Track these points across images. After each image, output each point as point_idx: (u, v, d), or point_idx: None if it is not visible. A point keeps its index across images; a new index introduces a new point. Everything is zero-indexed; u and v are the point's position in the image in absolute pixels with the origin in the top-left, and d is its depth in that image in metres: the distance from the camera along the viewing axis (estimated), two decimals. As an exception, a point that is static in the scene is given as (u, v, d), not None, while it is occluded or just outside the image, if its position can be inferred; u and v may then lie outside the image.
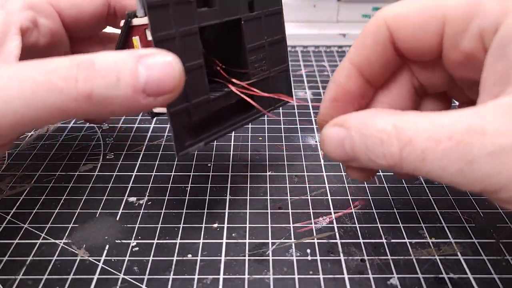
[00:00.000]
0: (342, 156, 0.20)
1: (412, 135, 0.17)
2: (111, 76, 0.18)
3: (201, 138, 0.25)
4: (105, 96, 0.18)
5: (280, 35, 0.28)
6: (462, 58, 0.20)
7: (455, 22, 0.19)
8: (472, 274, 0.23)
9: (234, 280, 0.23)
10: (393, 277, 0.23)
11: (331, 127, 0.21)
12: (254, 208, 0.28)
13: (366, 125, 0.19)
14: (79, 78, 0.18)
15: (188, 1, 0.23)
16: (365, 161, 0.19)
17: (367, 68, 0.22)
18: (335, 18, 0.59)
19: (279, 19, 0.28)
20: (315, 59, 0.51)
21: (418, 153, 0.17)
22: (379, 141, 0.18)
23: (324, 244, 0.25)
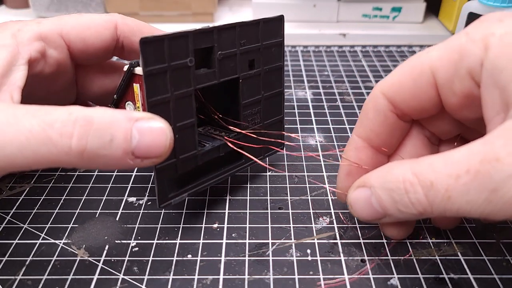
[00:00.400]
0: (373, 214, 0.21)
1: (433, 177, 0.18)
2: (106, 136, 0.19)
3: (185, 190, 0.25)
4: (96, 154, 0.19)
5: (278, 88, 0.29)
6: (461, 100, 0.20)
7: (443, 70, 0.20)
8: (472, 274, 0.23)
9: (234, 281, 0.23)
10: (393, 277, 0.23)
11: (355, 190, 0.22)
12: (254, 208, 0.28)
13: (387, 179, 0.20)
14: (74, 134, 0.18)
15: (186, 66, 0.23)
16: (396, 215, 0.20)
17: (375, 138, 0.24)
18: (335, 18, 0.59)
19: (279, 74, 0.29)
20: (315, 59, 0.51)
21: (443, 193, 0.18)
22: (404, 191, 0.19)
23: (324, 244, 0.25)
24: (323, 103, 0.41)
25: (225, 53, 0.25)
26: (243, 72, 0.26)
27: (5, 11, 0.63)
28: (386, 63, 0.50)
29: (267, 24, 0.27)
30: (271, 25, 0.27)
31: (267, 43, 0.27)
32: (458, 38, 0.20)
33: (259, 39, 0.26)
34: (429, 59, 0.21)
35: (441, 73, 0.20)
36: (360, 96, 0.42)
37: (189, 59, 0.23)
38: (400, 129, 0.24)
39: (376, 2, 0.58)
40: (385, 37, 0.56)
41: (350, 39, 0.56)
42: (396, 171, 0.20)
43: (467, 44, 0.19)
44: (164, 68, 0.22)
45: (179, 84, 0.23)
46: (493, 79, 0.18)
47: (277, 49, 0.28)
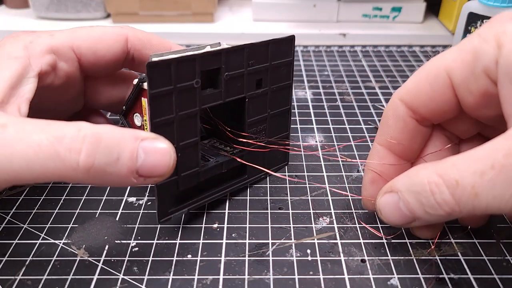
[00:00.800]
0: (402, 219, 0.21)
1: (457, 176, 0.18)
2: (113, 154, 0.19)
3: (186, 205, 0.26)
4: (102, 170, 0.19)
5: (285, 106, 0.29)
6: (478, 99, 0.21)
7: (459, 71, 0.20)
8: (472, 275, 0.23)
9: (234, 281, 0.23)
10: (393, 277, 0.23)
11: (382, 195, 0.22)
12: (254, 208, 0.28)
13: (412, 182, 0.20)
14: (83, 150, 0.19)
15: (192, 87, 0.23)
16: (425, 217, 0.20)
17: (396, 145, 0.24)
18: (335, 18, 0.59)
19: (287, 93, 0.29)
20: (315, 58, 0.51)
21: (469, 190, 0.18)
22: (430, 193, 0.19)
23: (324, 244, 0.25)
24: (323, 103, 0.41)
25: (232, 73, 0.25)
26: (250, 92, 0.26)
27: (5, 11, 0.63)
28: (386, 63, 0.50)
29: (277, 44, 0.27)
30: (281, 45, 0.27)
31: (276, 63, 0.27)
32: (470, 39, 0.20)
33: (268, 59, 0.27)
34: (444, 61, 0.21)
35: (457, 74, 0.21)
36: (360, 96, 0.42)
37: (195, 81, 0.23)
38: (421, 134, 0.24)
39: (376, 2, 0.58)
40: (385, 37, 0.56)
41: (350, 39, 0.56)
42: (421, 174, 0.20)
43: (480, 44, 0.19)
44: (170, 90, 0.22)
45: (184, 104, 0.23)
46: (510, 75, 0.18)
47: (287, 68, 0.28)
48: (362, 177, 0.30)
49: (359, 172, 0.31)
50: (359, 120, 0.38)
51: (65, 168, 0.19)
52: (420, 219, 0.21)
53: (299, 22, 0.59)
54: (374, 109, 0.40)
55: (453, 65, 0.21)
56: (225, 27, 0.58)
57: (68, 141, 0.19)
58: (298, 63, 0.50)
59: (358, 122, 0.38)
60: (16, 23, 0.58)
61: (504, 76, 0.19)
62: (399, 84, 0.45)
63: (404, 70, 0.48)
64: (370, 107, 0.40)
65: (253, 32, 0.56)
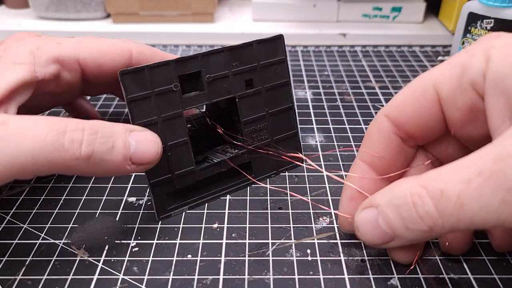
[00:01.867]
0: (380, 236, 0.20)
1: (442, 186, 0.17)
2: (109, 143, 0.21)
3: (186, 202, 0.27)
4: (101, 159, 0.21)
5: (286, 104, 0.29)
6: (465, 114, 0.20)
7: (446, 85, 0.20)
8: (472, 275, 0.23)
9: (234, 281, 0.23)
10: (393, 277, 0.23)
11: (361, 211, 0.20)
12: (254, 208, 0.28)
13: (394, 195, 0.19)
14: (84, 141, 0.21)
15: (171, 90, 0.25)
16: (405, 235, 0.19)
17: (378, 163, 0.23)
18: (335, 18, 0.59)
19: (285, 91, 0.29)
20: (315, 58, 0.51)
21: (455, 200, 0.16)
22: (412, 205, 0.18)
23: (324, 244, 0.25)
24: (323, 103, 0.41)
25: (215, 75, 0.26)
26: (239, 92, 0.27)
27: (5, 11, 0.63)
28: (386, 63, 0.50)
29: (263, 45, 0.27)
30: (269, 44, 0.28)
31: (265, 62, 0.28)
32: (458, 55, 0.20)
33: (255, 59, 0.27)
34: (432, 76, 0.21)
35: (444, 88, 0.20)
36: (360, 96, 0.42)
37: (174, 85, 0.25)
38: (404, 154, 0.23)
39: (376, 2, 0.58)
40: (385, 37, 0.56)
41: (350, 39, 0.56)
42: (403, 185, 0.19)
43: (468, 58, 0.20)
44: (148, 94, 0.24)
45: (165, 107, 0.25)
46: (497, 87, 0.18)
47: (280, 67, 0.28)
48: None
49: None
50: (359, 120, 0.38)
51: (70, 158, 0.20)
52: (399, 238, 0.19)
53: (299, 22, 0.59)
54: (374, 109, 0.40)
55: (441, 79, 0.21)
56: (225, 27, 0.58)
57: (70, 133, 0.20)
58: (298, 63, 0.50)
59: (358, 122, 0.38)
60: (16, 23, 0.58)
61: (492, 89, 0.18)
62: (399, 84, 0.45)
63: (404, 70, 0.48)
64: (370, 107, 0.40)
65: (253, 32, 0.56)
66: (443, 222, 0.17)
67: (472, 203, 0.16)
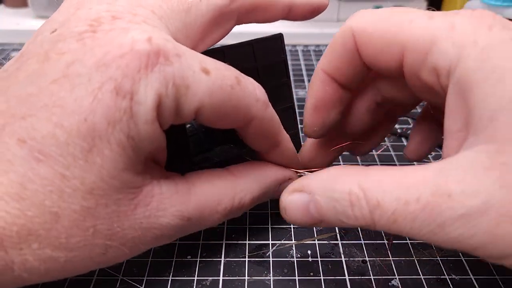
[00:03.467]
0: (308, 221, 0.20)
1: (380, 197, 0.17)
2: None
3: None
4: None
5: (286, 104, 0.29)
6: (422, 86, 0.19)
7: (413, 54, 0.19)
8: (474, 275, 0.23)
9: (234, 282, 0.22)
10: (394, 278, 0.23)
11: (291, 194, 0.20)
12: (254, 209, 0.27)
13: (332, 188, 0.19)
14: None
15: None
16: (335, 223, 0.19)
17: (338, 74, 0.23)
18: (335, 17, 0.59)
19: (285, 90, 0.29)
20: (315, 58, 0.51)
21: (389, 215, 0.17)
22: (349, 204, 0.18)
23: (325, 245, 0.25)
24: (324, 103, 0.41)
25: None
26: None
27: (4, 11, 0.63)
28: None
29: (263, 44, 0.27)
30: (268, 44, 0.27)
31: (265, 62, 0.27)
32: (443, 25, 0.18)
33: (255, 58, 0.27)
34: (406, 34, 0.19)
35: (410, 56, 0.19)
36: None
37: None
38: (363, 72, 0.22)
39: (377, 1, 0.57)
40: (385, 36, 0.56)
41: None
42: (343, 180, 0.18)
43: (446, 41, 0.17)
44: None
45: None
46: (462, 94, 0.17)
47: (280, 66, 0.28)
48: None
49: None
50: (359, 120, 0.38)
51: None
52: (327, 223, 0.19)
53: (299, 21, 0.59)
54: (374, 108, 0.40)
55: (412, 46, 0.19)
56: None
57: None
58: (299, 62, 0.50)
59: (359, 122, 0.37)
60: (15, 22, 0.58)
61: (456, 91, 0.17)
62: (399, 83, 0.45)
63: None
64: (371, 107, 0.40)
65: (253, 31, 0.56)
66: (376, 227, 0.17)
67: (405, 223, 0.16)
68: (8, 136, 0.16)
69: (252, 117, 0.20)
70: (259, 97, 0.20)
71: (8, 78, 0.17)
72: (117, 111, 0.16)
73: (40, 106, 0.16)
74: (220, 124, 0.20)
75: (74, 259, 0.17)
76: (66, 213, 0.16)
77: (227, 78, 0.19)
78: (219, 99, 0.18)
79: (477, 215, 0.15)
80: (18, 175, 0.16)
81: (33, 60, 0.17)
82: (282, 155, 0.23)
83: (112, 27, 0.17)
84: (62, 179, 0.16)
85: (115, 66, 0.16)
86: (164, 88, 0.17)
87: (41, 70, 0.17)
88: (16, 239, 0.16)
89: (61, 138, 0.16)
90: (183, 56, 0.18)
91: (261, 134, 0.22)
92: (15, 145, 0.16)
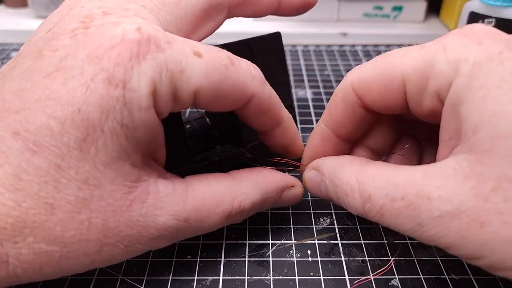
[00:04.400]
0: (321, 195, 0.23)
1: (372, 192, 0.19)
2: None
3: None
4: None
5: (285, 103, 0.28)
6: (427, 113, 0.20)
7: (414, 83, 0.20)
8: (473, 275, 0.23)
9: (234, 281, 0.22)
10: (394, 278, 0.23)
11: (311, 169, 0.24)
12: (254, 209, 0.28)
13: (335, 175, 0.21)
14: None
15: None
16: (339, 204, 0.22)
17: (341, 129, 0.23)
18: (335, 17, 0.59)
19: (285, 89, 0.29)
20: (315, 58, 0.51)
21: (377, 209, 0.19)
22: (345, 193, 0.20)
23: (325, 245, 0.25)
24: (324, 103, 0.41)
25: None
26: None
27: (4, 11, 0.63)
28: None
29: (260, 42, 0.27)
30: (266, 42, 0.27)
31: (263, 61, 0.27)
32: (435, 49, 0.19)
33: (253, 56, 0.26)
34: (403, 67, 0.20)
35: (411, 86, 0.20)
36: (360, 96, 0.42)
37: None
38: (367, 121, 0.23)
39: (377, 1, 0.57)
40: (386, 36, 0.56)
41: (350, 39, 0.56)
42: (345, 170, 0.21)
43: (441, 62, 0.18)
44: None
45: None
46: (455, 107, 0.18)
47: (278, 65, 0.28)
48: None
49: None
50: (359, 120, 0.38)
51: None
52: (336, 203, 0.22)
53: (299, 21, 0.59)
54: (374, 108, 0.40)
55: (411, 74, 0.19)
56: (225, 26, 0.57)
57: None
58: (299, 62, 0.50)
59: (359, 122, 0.37)
60: (15, 22, 0.58)
61: (450, 106, 0.18)
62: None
63: (404, 69, 0.48)
64: (371, 107, 0.40)
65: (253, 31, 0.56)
66: (366, 216, 0.20)
67: (390, 218, 0.18)
68: (3, 130, 0.16)
69: (251, 94, 0.20)
70: (255, 75, 0.21)
71: (3, 77, 0.18)
72: (110, 100, 0.16)
73: (34, 100, 0.16)
74: (220, 106, 0.20)
75: (69, 254, 0.17)
76: (62, 204, 0.16)
77: (220, 58, 0.19)
78: (215, 79, 0.19)
79: (450, 218, 0.16)
80: (13, 166, 0.16)
81: (27, 58, 0.18)
82: (285, 134, 0.24)
83: (104, 22, 0.18)
84: (57, 169, 0.16)
85: (107, 57, 0.17)
86: (158, 74, 0.17)
87: (35, 66, 0.17)
88: (11, 231, 0.16)
89: (55, 129, 0.16)
90: (173, 42, 0.18)
91: (262, 112, 0.22)
92: (9, 138, 0.16)
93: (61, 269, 0.18)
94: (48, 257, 0.17)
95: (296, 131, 0.25)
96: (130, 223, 0.18)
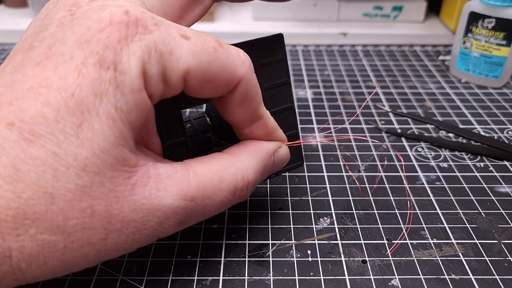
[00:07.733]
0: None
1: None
2: None
3: None
4: None
5: (286, 104, 0.29)
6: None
7: None
8: (473, 275, 0.23)
9: (234, 282, 0.22)
10: (394, 278, 0.23)
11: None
12: (254, 209, 0.28)
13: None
14: None
15: None
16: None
17: None
18: (335, 17, 0.59)
19: (285, 90, 0.28)
20: (315, 58, 0.51)
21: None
22: None
23: (325, 245, 0.25)
24: (324, 103, 0.41)
25: None
26: None
27: (4, 11, 0.63)
28: (387, 62, 0.50)
29: (262, 43, 0.27)
30: (268, 43, 0.27)
31: (265, 62, 0.27)
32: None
33: (254, 58, 0.26)
34: None
35: None
36: (361, 96, 0.42)
37: None
38: None
39: (377, 1, 0.58)
40: (386, 36, 0.56)
41: (350, 38, 0.56)
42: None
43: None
44: None
45: (167, 107, 0.23)
46: None
47: (279, 66, 0.28)
48: (362, 177, 0.30)
49: (360, 172, 0.31)
50: (359, 120, 0.38)
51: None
52: None
53: (299, 21, 0.59)
54: (375, 108, 0.40)
55: None
56: (225, 26, 0.58)
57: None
58: (299, 62, 0.50)
59: (359, 122, 0.37)
60: (15, 22, 0.58)
61: None
62: (400, 84, 0.45)
63: (405, 69, 0.48)
64: (371, 107, 0.40)
65: (253, 31, 0.56)
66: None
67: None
68: None
69: (240, 76, 0.20)
70: (244, 59, 0.20)
71: None
72: (102, 83, 0.16)
73: (25, 89, 0.16)
74: (210, 90, 0.20)
75: (73, 245, 0.17)
76: (61, 192, 0.16)
77: (208, 41, 0.19)
78: (204, 60, 0.18)
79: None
80: (10, 158, 0.15)
81: (18, 53, 0.18)
82: (266, 126, 0.23)
83: (90, 7, 0.18)
84: (54, 157, 0.16)
85: (95, 40, 0.17)
86: (147, 55, 0.17)
87: (25, 59, 0.17)
88: (12, 223, 0.15)
89: (50, 116, 0.16)
90: (161, 25, 0.18)
91: (248, 98, 0.21)
92: (4, 130, 0.16)
93: (66, 262, 0.17)
94: (52, 248, 0.16)
95: (275, 124, 0.24)
96: (134, 207, 0.18)
